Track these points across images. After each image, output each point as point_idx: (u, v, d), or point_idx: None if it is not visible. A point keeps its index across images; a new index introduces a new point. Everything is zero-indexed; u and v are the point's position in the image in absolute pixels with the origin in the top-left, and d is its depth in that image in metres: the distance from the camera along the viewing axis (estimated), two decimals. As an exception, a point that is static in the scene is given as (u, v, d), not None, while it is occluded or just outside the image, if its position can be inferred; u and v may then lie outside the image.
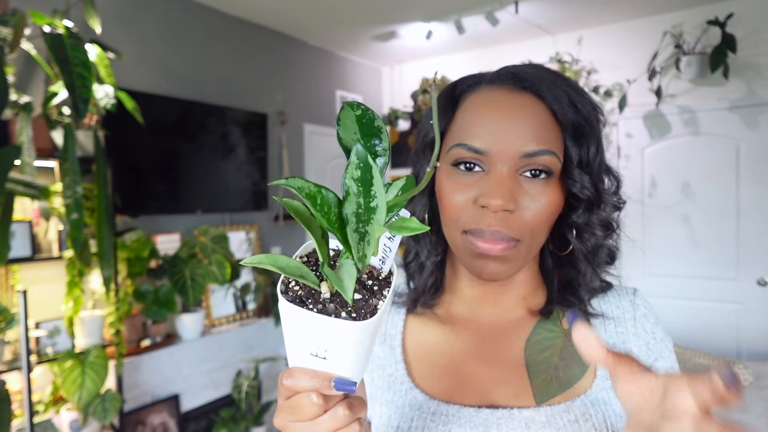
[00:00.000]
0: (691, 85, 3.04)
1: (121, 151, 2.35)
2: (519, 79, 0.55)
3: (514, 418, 0.54)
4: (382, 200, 0.34)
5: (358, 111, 0.36)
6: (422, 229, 0.32)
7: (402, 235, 0.33)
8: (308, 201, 0.33)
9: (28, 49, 1.70)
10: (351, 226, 0.34)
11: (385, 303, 0.35)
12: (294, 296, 0.35)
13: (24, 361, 1.73)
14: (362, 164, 0.33)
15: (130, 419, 2.19)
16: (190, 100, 2.73)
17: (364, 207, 0.34)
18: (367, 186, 0.33)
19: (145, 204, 2.51)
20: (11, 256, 1.78)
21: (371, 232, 0.34)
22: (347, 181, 0.33)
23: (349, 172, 0.33)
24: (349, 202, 0.34)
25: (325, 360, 0.35)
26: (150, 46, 2.59)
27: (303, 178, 0.34)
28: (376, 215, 0.34)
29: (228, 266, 2.51)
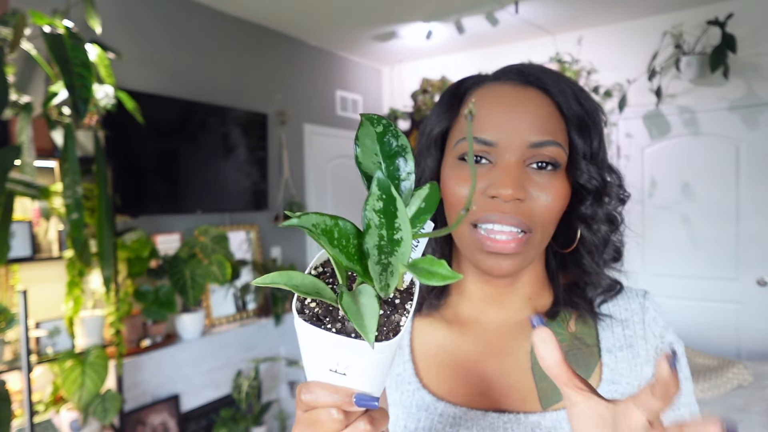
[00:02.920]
0: (691, 85, 3.04)
1: (121, 151, 2.36)
2: (524, 74, 0.56)
3: (520, 423, 0.54)
4: (407, 233, 0.31)
5: (379, 127, 0.33)
6: (454, 278, 0.29)
7: (429, 282, 0.29)
8: (324, 238, 0.31)
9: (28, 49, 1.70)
10: (372, 259, 0.31)
11: (408, 319, 0.33)
12: (311, 315, 0.33)
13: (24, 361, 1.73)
14: (385, 196, 0.31)
15: (130, 419, 2.20)
16: (190, 100, 2.73)
17: (387, 239, 0.31)
18: (390, 218, 0.31)
19: (145, 204, 2.51)
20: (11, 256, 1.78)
21: (395, 264, 0.32)
22: (368, 213, 0.31)
23: (369, 203, 0.31)
24: (370, 235, 0.31)
25: (345, 376, 0.33)
26: (150, 46, 2.59)
27: (317, 213, 0.31)
28: (400, 248, 0.31)
29: (228, 266, 2.51)
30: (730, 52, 2.77)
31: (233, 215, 3.01)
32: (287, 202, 3.35)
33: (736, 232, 2.96)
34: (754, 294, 2.91)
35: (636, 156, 3.24)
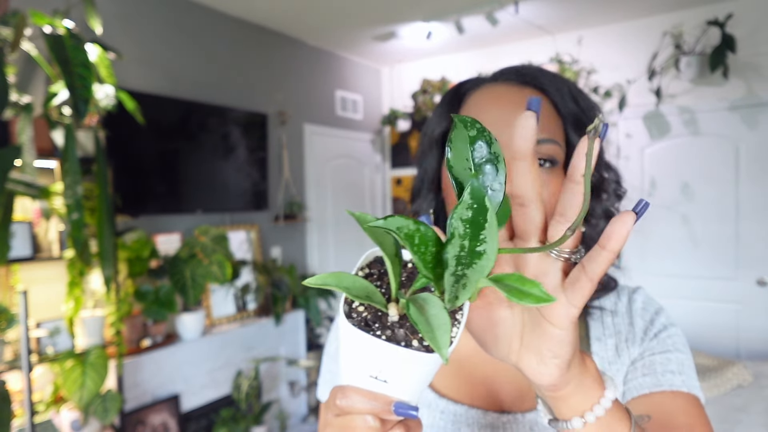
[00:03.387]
0: (691, 86, 3.04)
1: (121, 152, 2.36)
2: (521, 75, 0.57)
3: (518, 422, 0.56)
4: (492, 247, 0.29)
5: (472, 131, 0.31)
6: (549, 300, 0.27)
7: (521, 302, 0.27)
8: (406, 241, 0.29)
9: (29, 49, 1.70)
10: (449, 270, 0.29)
11: (459, 330, 0.32)
12: (359, 319, 0.32)
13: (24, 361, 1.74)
14: (477, 205, 0.29)
15: (130, 419, 2.20)
16: (190, 100, 2.74)
17: (468, 250, 0.29)
18: (477, 229, 0.29)
19: (145, 204, 2.51)
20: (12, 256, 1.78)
21: (471, 277, 0.30)
22: (454, 221, 0.29)
23: (458, 211, 0.29)
24: (452, 245, 0.29)
25: (385, 383, 0.32)
26: (150, 47, 2.59)
27: (402, 216, 0.30)
28: (480, 261, 0.29)
29: (228, 266, 2.51)
30: (730, 52, 2.77)
31: (233, 215, 3.01)
32: (287, 202, 3.35)
33: (735, 232, 2.96)
34: (754, 294, 2.91)
35: (636, 156, 3.24)
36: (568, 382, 0.34)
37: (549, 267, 0.32)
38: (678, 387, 0.52)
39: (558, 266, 0.32)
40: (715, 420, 2.02)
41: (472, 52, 3.81)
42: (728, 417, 2.03)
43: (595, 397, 0.35)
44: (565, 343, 0.32)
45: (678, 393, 0.52)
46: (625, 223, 0.28)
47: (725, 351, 2.95)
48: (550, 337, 0.32)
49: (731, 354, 2.93)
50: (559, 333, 0.32)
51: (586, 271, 0.29)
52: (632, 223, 0.28)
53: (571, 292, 0.30)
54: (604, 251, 0.28)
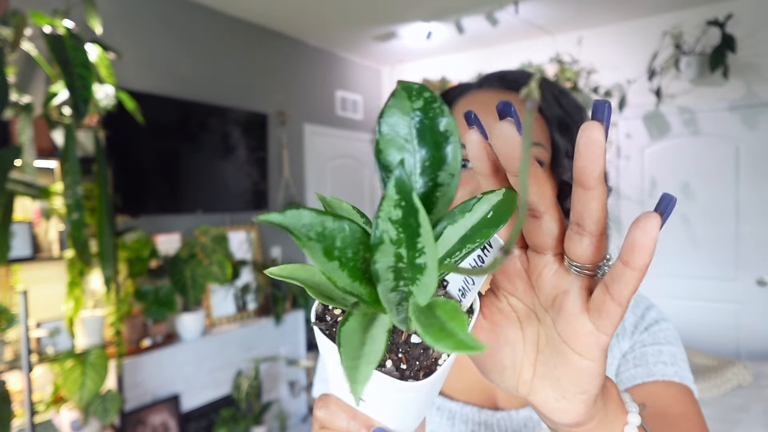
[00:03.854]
0: (691, 86, 3.04)
1: (121, 151, 2.36)
2: (505, 80, 0.59)
3: (512, 419, 0.57)
4: (432, 257, 0.22)
5: (419, 102, 0.23)
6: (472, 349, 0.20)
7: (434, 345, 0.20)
8: (318, 246, 0.23)
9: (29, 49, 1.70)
10: (385, 285, 0.23)
11: (449, 359, 0.26)
12: (332, 324, 0.27)
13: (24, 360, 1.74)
14: (404, 202, 0.21)
15: (130, 419, 2.20)
16: (190, 100, 2.74)
17: (408, 262, 0.22)
18: (410, 234, 0.22)
19: (145, 204, 2.51)
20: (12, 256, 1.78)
21: (417, 294, 0.23)
22: (381, 222, 0.21)
23: (384, 209, 0.21)
24: (382, 252, 0.22)
25: (363, 402, 0.27)
26: (150, 47, 2.59)
27: (314, 210, 0.23)
28: (423, 278, 0.22)
29: (228, 266, 2.51)
30: (730, 53, 2.77)
31: (233, 215, 3.01)
32: (287, 202, 3.35)
33: (735, 232, 2.96)
34: (754, 294, 2.91)
35: (636, 156, 3.24)
36: (592, 417, 0.29)
37: (569, 285, 0.26)
38: (670, 377, 0.53)
39: (579, 283, 0.26)
40: (715, 420, 2.02)
41: (472, 52, 3.81)
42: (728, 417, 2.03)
43: (619, 425, 0.30)
44: (595, 376, 0.26)
45: (671, 383, 0.52)
46: (647, 230, 0.22)
47: (725, 351, 2.95)
48: (576, 369, 0.26)
49: (731, 354, 2.93)
50: (588, 365, 0.26)
51: (612, 293, 0.24)
52: (658, 228, 0.22)
53: (598, 318, 0.25)
54: (628, 269, 0.23)
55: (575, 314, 0.26)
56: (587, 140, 0.22)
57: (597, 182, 0.23)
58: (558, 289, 0.27)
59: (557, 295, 0.27)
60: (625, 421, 0.30)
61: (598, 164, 0.22)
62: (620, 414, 0.30)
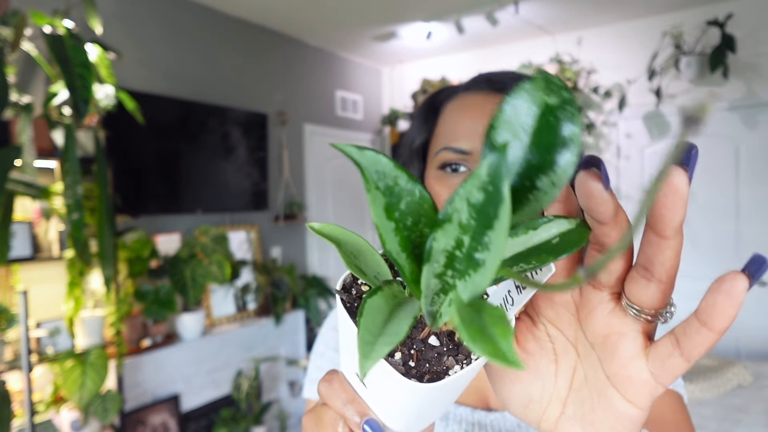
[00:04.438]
0: (691, 86, 3.04)
1: (121, 152, 2.36)
2: (493, 82, 0.59)
3: (506, 419, 0.57)
4: (494, 260, 0.19)
5: (554, 98, 0.21)
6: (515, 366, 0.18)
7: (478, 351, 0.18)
8: (382, 197, 0.21)
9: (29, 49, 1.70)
10: (433, 267, 0.21)
11: (466, 371, 0.24)
12: (355, 298, 0.26)
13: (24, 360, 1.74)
14: (492, 187, 0.19)
15: (130, 419, 2.20)
16: (190, 100, 2.74)
17: (466, 252, 0.20)
18: (483, 224, 0.19)
19: (145, 204, 2.52)
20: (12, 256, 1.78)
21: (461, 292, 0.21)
22: (457, 201, 0.19)
23: (466, 188, 0.19)
24: (445, 230, 0.20)
25: (365, 390, 0.27)
26: (151, 47, 2.59)
27: (388, 157, 0.22)
28: (476, 275, 0.20)
29: (228, 266, 2.51)
30: (730, 53, 2.77)
31: (233, 215, 3.01)
32: (287, 202, 3.35)
33: (735, 232, 2.96)
34: (754, 294, 2.91)
35: (636, 156, 3.24)
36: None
37: (626, 327, 0.24)
38: None
39: (638, 327, 0.24)
40: (715, 420, 2.02)
41: (472, 52, 3.81)
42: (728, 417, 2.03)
43: None
44: (637, 425, 0.24)
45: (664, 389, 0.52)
46: (733, 295, 0.19)
47: (725, 351, 2.95)
48: (620, 415, 0.24)
49: (731, 354, 2.93)
50: (635, 413, 0.24)
51: (682, 348, 0.22)
52: (744, 292, 0.19)
53: (660, 367, 0.23)
54: (704, 329, 0.21)
55: (632, 359, 0.24)
56: (669, 188, 0.20)
57: (675, 232, 0.21)
58: (611, 329, 0.24)
59: (610, 335, 0.24)
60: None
61: (679, 215, 0.20)
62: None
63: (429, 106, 0.63)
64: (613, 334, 0.24)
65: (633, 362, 0.24)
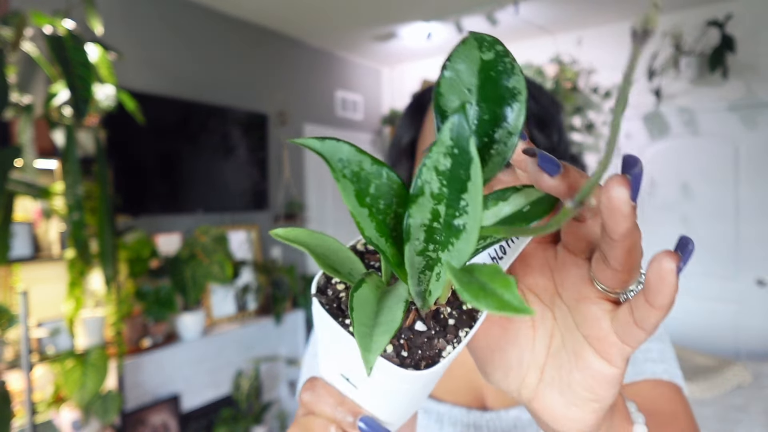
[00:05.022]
0: (691, 86, 3.04)
1: (122, 152, 2.36)
2: None
3: (501, 419, 0.56)
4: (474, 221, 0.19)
5: (489, 53, 0.21)
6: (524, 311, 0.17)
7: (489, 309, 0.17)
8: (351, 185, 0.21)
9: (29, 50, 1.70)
10: (413, 245, 0.21)
11: (456, 351, 0.24)
12: (333, 299, 0.25)
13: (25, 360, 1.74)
14: (457, 150, 0.19)
15: (130, 419, 2.20)
16: (190, 100, 2.74)
17: (444, 221, 0.20)
18: (456, 189, 0.19)
19: (145, 204, 2.52)
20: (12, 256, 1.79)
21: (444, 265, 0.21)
22: (425, 171, 0.19)
23: (432, 156, 0.19)
24: (419, 205, 0.20)
25: (355, 389, 0.26)
26: (151, 47, 2.60)
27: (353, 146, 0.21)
28: (458, 242, 0.20)
29: (229, 266, 2.52)
30: (730, 53, 2.77)
31: (233, 215, 3.02)
32: (287, 202, 3.35)
33: (735, 232, 2.96)
34: (754, 294, 2.91)
35: (636, 156, 3.24)
36: (599, 428, 0.27)
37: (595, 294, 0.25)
38: (659, 375, 0.52)
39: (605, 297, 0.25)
40: (715, 420, 2.02)
41: (472, 53, 3.81)
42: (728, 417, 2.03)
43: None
44: (614, 384, 0.25)
45: (660, 381, 0.52)
46: (663, 276, 0.20)
47: (725, 351, 2.95)
48: (596, 374, 0.25)
49: (731, 354, 2.93)
50: (610, 371, 0.24)
51: (635, 319, 0.23)
52: (672, 272, 0.20)
53: (623, 331, 0.24)
54: (647, 305, 0.22)
55: (600, 321, 0.24)
56: (609, 202, 0.19)
57: (622, 237, 0.21)
58: (582, 294, 0.25)
59: (582, 300, 0.25)
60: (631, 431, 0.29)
61: (621, 225, 0.20)
62: (626, 425, 0.29)
63: (415, 104, 0.63)
64: (584, 299, 0.25)
65: (601, 324, 0.24)
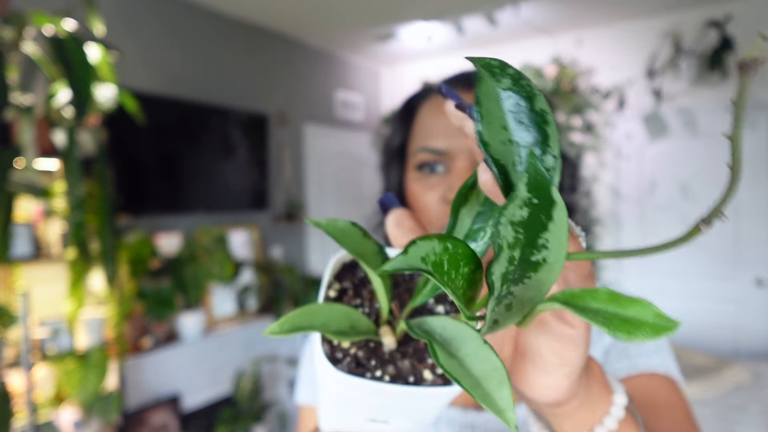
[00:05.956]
0: (691, 86, 3.05)
1: (122, 152, 2.36)
2: (467, 81, 0.59)
3: (497, 419, 0.56)
4: (558, 254, 0.19)
5: (505, 80, 0.21)
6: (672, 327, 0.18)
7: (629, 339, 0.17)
8: (435, 273, 0.20)
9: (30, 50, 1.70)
10: (494, 294, 0.20)
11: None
12: (349, 360, 0.25)
13: (25, 360, 1.74)
14: (537, 200, 0.18)
15: (131, 419, 2.20)
16: (191, 100, 2.74)
17: (518, 261, 0.19)
18: (533, 232, 0.19)
19: (146, 204, 2.52)
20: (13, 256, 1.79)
21: (518, 295, 0.20)
22: (502, 228, 0.19)
23: (508, 212, 0.19)
24: (498, 261, 0.19)
25: (386, 423, 0.26)
26: (152, 47, 2.60)
27: (423, 238, 0.19)
28: (537, 274, 0.19)
29: (229, 266, 2.52)
30: (730, 53, 2.78)
31: (234, 215, 3.02)
32: (287, 202, 3.35)
33: (734, 232, 2.97)
34: (753, 294, 2.92)
35: (635, 157, 3.24)
36: (575, 395, 0.27)
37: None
38: (654, 368, 0.52)
39: None
40: (715, 420, 2.02)
41: (472, 53, 3.81)
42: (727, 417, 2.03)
43: (604, 406, 0.28)
44: (578, 344, 0.24)
45: (655, 374, 0.52)
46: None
47: (724, 351, 2.96)
48: (560, 337, 0.24)
49: (730, 354, 2.94)
50: (572, 333, 0.24)
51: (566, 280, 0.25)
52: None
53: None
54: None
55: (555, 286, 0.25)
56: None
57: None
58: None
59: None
60: (610, 401, 0.29)
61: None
62: (605, 394, 0.29)
63: (406, 107, 0.63)
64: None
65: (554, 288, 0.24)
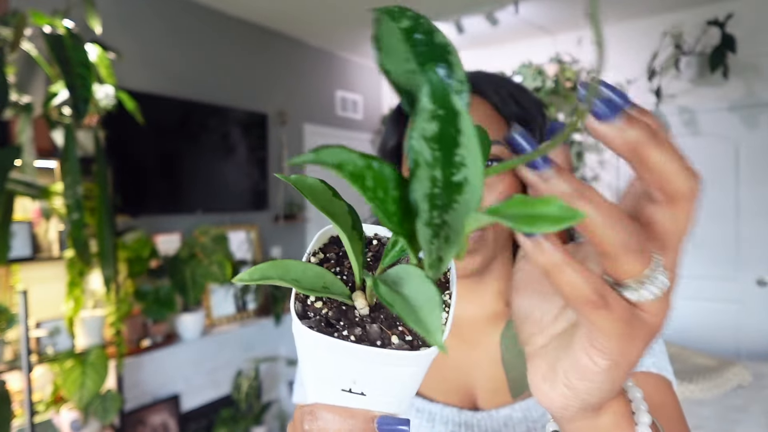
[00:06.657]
0: (691, 86, 3.04)
1: (121, 151, 2.36)
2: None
3: (492, 419, 0.56)
4: (475, 168, 0.19)
5: (404, 21, 0.22)
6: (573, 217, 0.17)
7: (532, 229, 0.17)
8: (354, 184, 0.21)
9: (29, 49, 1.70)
10: (422, 218, 0.20)
11: (450, 316, 0.25)
12: (318, 319, 0.24)
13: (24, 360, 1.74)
14: (443, 111, 0.18)
15: (130, 419, 2.20)
16: (190, 100, 2.74)
17: (442, 183, 0.19)
18: (449, 148, 0.19)
19: (145, 204, 2.52)
20: (12, 256, 1.78)
21: (452, 223, 0.20)
22: (415, 143, 0.19)
23: (417, 128, 0.19)
24: (418, 179, 0.19)
25: (363, 396, 0.25)
26: (151, 47, 2.59)
27: (344, 147, 0.21)
28: (462, 196, 0.19)
29: (228, 266, 2.51)
30: (730, 53, 2.77)
31: (233, 215, 3.01)
32: (287, 202, 3.35)
33: (735, 232, 2.96)
34: (754, 294, 2.91)
35: (636, 156, 3.24)
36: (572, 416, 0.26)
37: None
38: (648, 368, 0.52)
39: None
40: (715, 420, 2.02)
41: (472, 52, 3.81)
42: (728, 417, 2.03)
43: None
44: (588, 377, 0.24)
45: (649, 374, 0.52)
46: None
47: (725, 351, 2.95)
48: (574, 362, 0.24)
49: (731, 354, 2.93)
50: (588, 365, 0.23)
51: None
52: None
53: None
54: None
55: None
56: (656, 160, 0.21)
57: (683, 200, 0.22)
58: None
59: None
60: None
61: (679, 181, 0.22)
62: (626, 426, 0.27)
63: (400, 109, 0.63)
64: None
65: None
